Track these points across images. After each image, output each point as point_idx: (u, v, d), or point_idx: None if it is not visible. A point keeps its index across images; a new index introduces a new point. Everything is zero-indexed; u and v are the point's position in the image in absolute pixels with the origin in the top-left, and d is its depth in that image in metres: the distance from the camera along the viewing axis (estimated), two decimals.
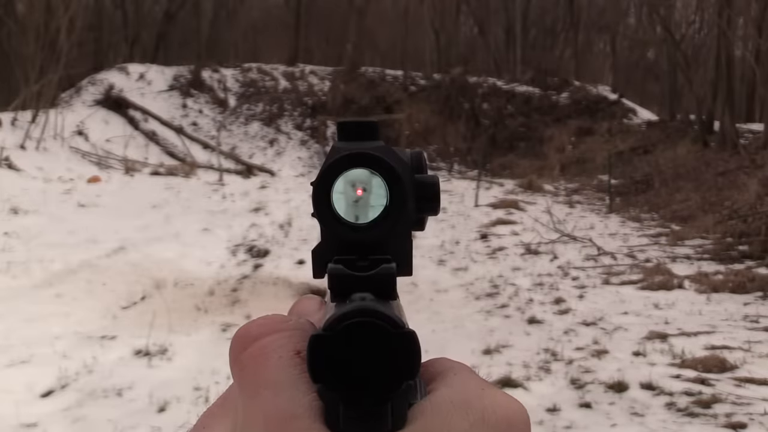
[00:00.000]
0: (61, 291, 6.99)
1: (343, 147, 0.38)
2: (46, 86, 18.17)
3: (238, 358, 0.36)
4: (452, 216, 13.04)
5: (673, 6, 23.58)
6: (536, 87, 26.70)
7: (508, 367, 5.30)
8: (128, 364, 5.27)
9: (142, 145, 21.23)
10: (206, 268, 8.61)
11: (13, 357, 5.24)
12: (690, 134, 19.55)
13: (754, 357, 5.40)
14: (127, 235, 9.71)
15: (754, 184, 12.71)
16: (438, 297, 7.82)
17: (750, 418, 4.27)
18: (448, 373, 0.38)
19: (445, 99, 25.76)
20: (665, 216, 13.55)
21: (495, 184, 18.31)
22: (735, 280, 8.01)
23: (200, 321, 6.57)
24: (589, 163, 20.85)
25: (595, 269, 9.10)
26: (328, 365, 0.32)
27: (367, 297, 0.34)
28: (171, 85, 25.46)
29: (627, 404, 4.58)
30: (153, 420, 4.26)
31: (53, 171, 15.95)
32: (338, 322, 0.32)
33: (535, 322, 6.73)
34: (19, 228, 9.89)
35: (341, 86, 26.63)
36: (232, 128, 24.20)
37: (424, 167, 0.42)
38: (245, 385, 0.35)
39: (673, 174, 16.89)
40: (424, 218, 0.43)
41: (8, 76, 21.22)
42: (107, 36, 28.96)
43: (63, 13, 18.33)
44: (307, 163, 22.59)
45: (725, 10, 16.64)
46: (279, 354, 0.35)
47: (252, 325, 0.38)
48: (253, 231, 10.96)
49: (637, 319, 6.72)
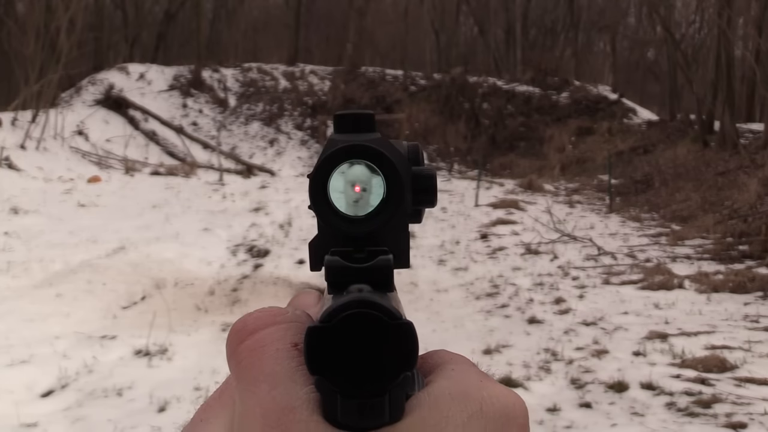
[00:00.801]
0: (61, 291, 6.98)
1: (339, 139, 0.38)
2: (46, 86, 18.18)
3: (235, 351, 0.36)
4: (452, 216, 13.04)
5: (673, 6, 23.58)
6: (536, 87, 26.71)
7: (508, 367, 5.30)
8: (128, 364, 5.27)
9: (142, 144, 21.24)
10: (206, 268, 8.61)
11: (13, 357, 5.24)
12: (690, 134, 19.55)
13: (754, 357, 5.39)
14: (127, 235, 9.71)
15: (754, 183, 12.71)
16: (438, 297, 7.82)
17: (750, 418, 4.26)
18: (447, 365, 0.37)
19: (445, 99, 25.77)
20: (665, 216, 13.55)
21: (495, 184, 18.32)
22: (735, 279, 8.01)
23: (200, 321, 6.57)
24: (589, 163, 20.86)
25: (595, 269, 9.10)
26: (325, 357, 0.32)
27: (364, 288, 0.34)
28: (171, 85, 25.48)
29: (627, 404, 4.58)
30: (153, 420, 4.26)
31: (53, 171, 15.96)
32: (335, 314, 0.32)
33: (535, 322, 6.73)
34: (19, 228, 9.89)
35: (341, 86, 26.65)
36: (232, 128, 24.21)
37: (420, 159, 0.42)
38: (242, 377, 0.35)
39: (673, 174, 16.90)
40: (421, 210, 0.43)
41: (8, 76, 21.24)
42: (107, 36, 28.97)
43: (63, 13, 18.34)
44: (308, 162, 22.59)
45: (725, 10, 16.63)
46: (276, 346, 0.35)
47: (249, 318, 0.38)
48: (253, 231, 10.96)
49: (637, 319, 6.72)
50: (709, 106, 18.65)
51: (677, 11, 25.33)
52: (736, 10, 17.66)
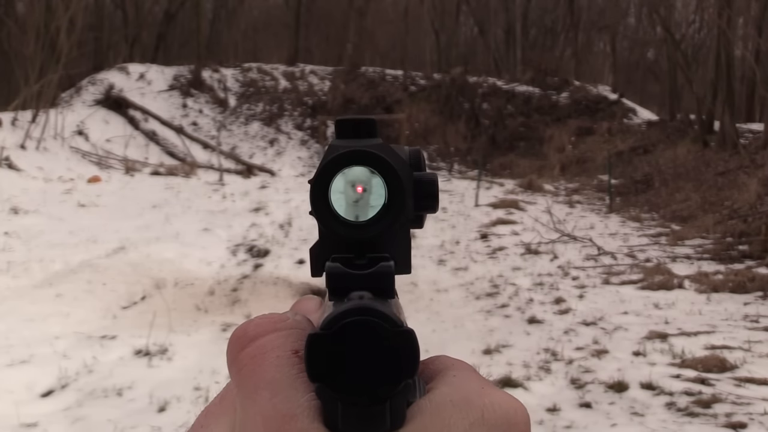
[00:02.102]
0: (61, 291, 6.98)
1: (340, 145, 0.38)
2: (46, 86, 18.17)
3: (236, 358, 0.36)
4: (452, 216, 13.04)
5: (673, 6, 23.58)
6: (536, 87, 26.70)
7: (508, 367, 5.30)
8: (128, 364, 5.27)
9: (142, 145, 21.24)
10: (206, 268, 8.61)
11: (13, 357, 5.24)
12: (690, 134, 19.55)
13: (754, 357, 5.39)
14: (127, 235, 9.71)
15: (754, 183, 12.71)
16: (438, 297, 7.81)
17: (750, 418, 4.26)
18: (448, 372, 0.37)
19: (445, 99, 25.76)
20: (665, 216, 13.54)
21: (495, 184, 18.31)
22: (735, 279, 8.00)
23: (200, 321, 6.57)
24: (589, 163, 20.86)
25: (595, 269, 9.10)
26: (326, 364, 0.32)
27: (366, 295, 0.34)
28: (171, 85, 25.47)
29: (627, 404, 4.58)
30: (153, 420, 4.26)
31: (53, 171, 15.96)
32: (336, 321, 0.32)
33: (535, 322, 6.73)
34: (19, 228, 9.88)
35: (341, 86, 26.64)
36: (232, 128, 24.20)
37: (422, 165, 0.42)
38: (243, 385, 0.35)
39: (673, 174, 16.89)
40: (423, 216, 0.43)
41: (8, 76, 21.23)
42: (107, 36, 28.97)
43: (63, 13, 18.33)
44: (308, 162, 22.59)
45: (725, 10, 16.63)
46: (277, 353, 0.35)
47: (249, 325, 0.37)
48: (253, 231, 10.96)
49: (637, 318, 6.72)
50: (709, 106, 18.64)
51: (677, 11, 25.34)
52: (736, 10, 17.66)
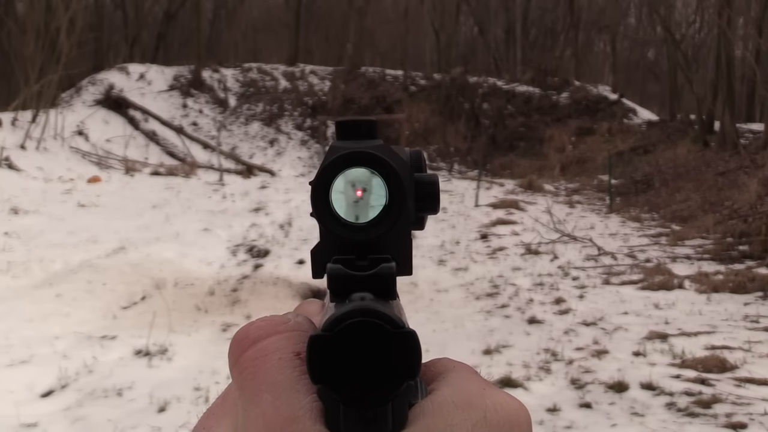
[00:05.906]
0: (61, 291, 6.98)
1: (341, 146, 0.38)
2: (46, 86, 18.17)
3: (238, 361, 0.36)
4: (452, 216, 13.04)
5: (673, 6, 23.59)
6: (536, 87, 26.70)
7: (508, 367, 5.29)
8: (128, 364, 5.27)
9: (142, 145, 21.24)
10: (206, 268, 8.61)
11: (13, 357, 5.24)
12: (690, 134, 19.55)
13: (754, 357, 5.39)
14: (127, 235, 9.71)
15: (755, 184, 12.71)
16: (438, 297, 7.81)
17: (750, 418, 4.26)
18: (450, 373, 0.37)
19: (445, 99, 25.76)
20: (665, 216, 13.54)
21: (495, 184, 18.31)
22: (735, 280, 8.00)
23: (200, 321, 6.57)
24: (589, 163, 20.86)
25: (595, 269, 9.10)
26: (327, 366, 0.32)
27: (367, 297, 0.34)
28: (171, 85, 25.47)
29: (627, 404, 4.58)
30: (153, 420, 4.26)
31: (53, 171, 15.96)
32: (338, 323, 0.32)
33: (535, 322, 6.72)
34: (19, 228, 9.88)
35: (341, 86, 26.63)
36: (232, 128, 24.20)
37: (423, 166, 0.42)
38: (245, 387, 0.35)
39: (673, 174, 16.89)
40: (424, 217, 0.43)
41: (8, 76, 21.23)
42: (107, 36, 28.97)
43: (63, 13, 18.33)
44: (308, 163, 22.59)
45: (725, 10, 16.63)
46: (278, 356, 0.35)
47: (251, 327, 0.37)
48: (253, 231, 10.96)
49: (637, 319, 6.72)
50: (709, 106, 18.65)
51: (677, 11, 25.33)
52: (736, 10, 17.65)
